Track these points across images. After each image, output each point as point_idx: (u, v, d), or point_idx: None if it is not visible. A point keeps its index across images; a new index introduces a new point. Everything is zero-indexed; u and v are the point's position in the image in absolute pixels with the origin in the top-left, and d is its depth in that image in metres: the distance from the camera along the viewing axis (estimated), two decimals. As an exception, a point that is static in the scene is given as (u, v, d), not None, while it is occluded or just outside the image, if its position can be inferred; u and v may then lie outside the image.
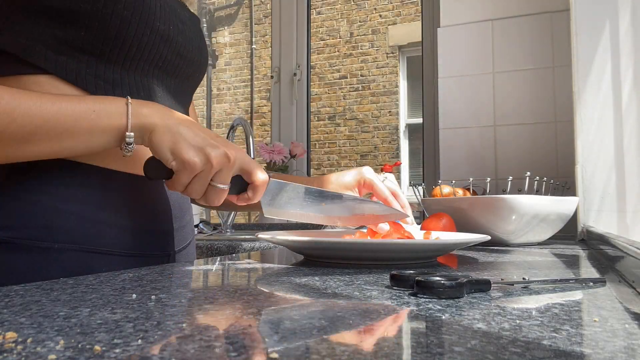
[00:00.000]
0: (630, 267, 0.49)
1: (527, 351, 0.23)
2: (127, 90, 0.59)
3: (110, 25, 0.55)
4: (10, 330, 0.26)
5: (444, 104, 1.45)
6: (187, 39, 0.66)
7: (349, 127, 5.70)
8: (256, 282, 0.45)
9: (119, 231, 0.59)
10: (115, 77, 0.58)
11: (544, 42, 1.35)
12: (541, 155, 1.34)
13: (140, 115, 0.52)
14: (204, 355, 0.22)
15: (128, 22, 0.56)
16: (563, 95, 1.32)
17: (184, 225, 0.70)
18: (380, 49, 5.64)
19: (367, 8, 5.72)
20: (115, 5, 0.55)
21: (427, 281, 0.36)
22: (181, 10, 0.67)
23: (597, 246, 0.84)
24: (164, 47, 0.61)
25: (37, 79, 0.55)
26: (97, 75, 0.57)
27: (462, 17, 1.45)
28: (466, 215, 0.95)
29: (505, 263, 0.62)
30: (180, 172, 0.53)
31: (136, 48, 0.58)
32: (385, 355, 0.22)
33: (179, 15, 0.64)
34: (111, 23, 0.55)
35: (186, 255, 0.72)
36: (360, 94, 5.68)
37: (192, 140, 0.52)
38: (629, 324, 0.29)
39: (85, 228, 0.56)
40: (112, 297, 0.35)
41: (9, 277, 0.52)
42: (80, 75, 0.56)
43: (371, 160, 5.56)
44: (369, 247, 0.57)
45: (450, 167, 1.43)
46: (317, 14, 5.88)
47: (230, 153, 0.54)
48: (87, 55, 0.56)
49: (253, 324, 0.28)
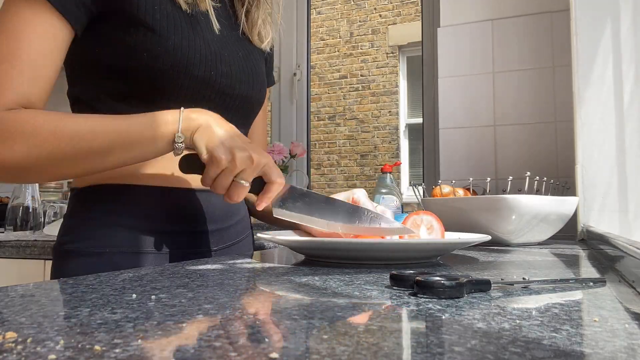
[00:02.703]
0: (630, 267, 0.49)
1: (527, 351, 0.23)
2: None
3: (151, 78, 0.67)
4: (10, 330, 0.26)
5: (444, 104, 1.45)
6: (231, 79, 0.74)
7: (349, 127, 5.70)
8: (256, 282, 0.45)
9: (156, 235, 0.70)
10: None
11: (544, 42, 1.35)
12: (541, 155, 1.34)
13: (189, 119, 0.62)
14: (204, 355, 0.22)
15: (166, 74, 0.67)
16: (563, 95, 1.32)
17: (226, 227, 0.79)
18: (380, 49, 5.64)
19: (367, 8, 5.71)
20: (154, 61, 0.66)
21: (427, 281, 0.36)
22: (230, 52, 0.75)
23: (597, 246, 0.84)
24: (204, 89, 0.71)
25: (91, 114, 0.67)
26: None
27: (462, 17, 1.45)
28: (466, 215, 0.95)
29: (505, 263, 0.62)
30: (209, 166, 0.61)
31: (176, 94, 0.69)
32: (385, 355, 0.22)
33: (224, 59, 0.73)
34: (152, 76, 0.67)
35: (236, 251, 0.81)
36: (360, 94, 5.68)
37: (225, 141, 0.61)
38: (629, 324, 0.29)
39: (128, 235, 0.69)
40: (112, 297, 0.35)
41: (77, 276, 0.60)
42: None
43: (371, 160, 5.56)
44: (369, 247, 0.57)
45: (450, 167, 1.43)
46: (317, 14, 5.87)
47: (255, 157, 0.61)
48: (137, 100, 0.68)
49: (253, 324, 0.28)
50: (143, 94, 0.68)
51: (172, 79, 0.67)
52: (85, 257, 0.68)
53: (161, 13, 0.66)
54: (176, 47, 0.67)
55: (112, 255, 0.68)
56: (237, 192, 0.62)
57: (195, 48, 0.69)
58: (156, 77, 0.67)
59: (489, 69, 1.41)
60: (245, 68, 0.77)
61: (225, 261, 0.61)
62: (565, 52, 1.18)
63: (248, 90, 0.78)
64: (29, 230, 1.67)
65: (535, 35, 1.36)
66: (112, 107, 0.68)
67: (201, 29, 0.71)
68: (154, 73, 0.66)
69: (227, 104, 0.75)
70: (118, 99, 0.68)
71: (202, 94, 0.71)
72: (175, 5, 0.69)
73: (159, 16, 0.66)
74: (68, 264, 0.69)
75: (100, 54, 0.67)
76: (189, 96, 0.70)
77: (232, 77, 0.74)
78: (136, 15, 0.65)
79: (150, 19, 0.65)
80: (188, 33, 0.68)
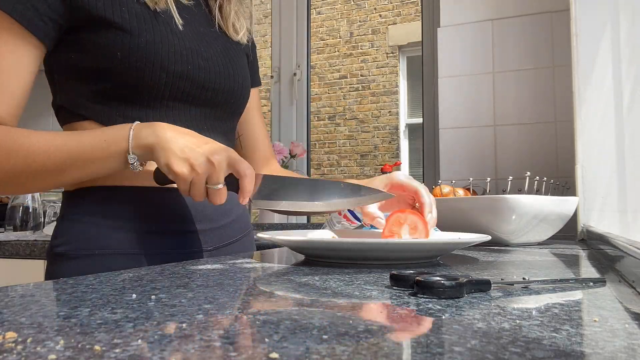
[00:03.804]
0: (630, 267, 0.49)
1: (527, 351, 0.23)
2: None
3: (128, 76, 0.67)
4: (10, 330, 0.26)
5: (444, 104, 1.45)
6: (210, 72, 0.74)
7: (349, 127, 5.70)
8: (256, 282, 0.45)
9: (146, 235, 0.70)
10: (140, 115, 0.69)
11: (544, 42, 1.35)
12: (541, 155, 1.34)
13: (140, 138, 0.62)
14: (204, 355, 0.22)
15: (142, 71, 0.67)
16: (563, 95, 1.32)
17: (220, 227, 0.79)
18: (380, 49, 5.63)
19: (367, 8, 5.71)
20: (128, 59, 0.66)
21: (427, 281, 0.36)
22: (207, 46, 0.75)
23: (597, 246, 0.84)
24: (184, 84, 0.71)
25: (81, 124, 0.70)
26: (125, 115, 0.69)
27: (462, 17, 1.45)
28: (466, 215, 0.95)
29: (505, 263, 0.62)
30: (177, 182, 0.61)
31: (155, 90, 0.69)
32: (385, 355, 0.22)
33: (201, 54, 0.73)
34: (128, 74, 0.67)
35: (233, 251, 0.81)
36: (360, 94, 5.68)
37: (180, 153, 0.60)
38: (629, 324, 0.29)
39: (117, 236, 0.69)
40: (112, 297, 0.35)
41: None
42: (110, 118, 0.69)
43: (371, 160, 5.56)
44: (369, 247, 0.57)
45: (450, 167, 1.43)
46: (317, 14, 5.87)
47: (214, 158, 0.60)
48: (115, 101, 0.69)
49: (253, 324, 0.28)
50: (123, 94, 0.68)
51: (148, 76, 0.67)
52: (75, 259, 0.68)
53: (129, 12, 0.67)
54: (149, 44, 0.67)
55: (101, 257, 0.68)
56: (217, 196, 0.62)
57: (169, 43, 0.69)
58: (132, 76, 0.67)
59: (489, 69, 1.41)
60: (224, 61, 0.77)
61: (225, 261, 0.61)
62: (565, 52, 1.18)
63: (229, 83, 0.78)
64: (29, 230, 1.67)
65: (535, 35, 1.36)
66: (93, 110, 0.69)
67: (174, 25, 0.71)
68: (129, 72, 0.67)
69: (209, 98, 0.75)
70: (99, 101, 0.69)
71: (181, 90, 0.71)
72: (143, 5, 0.69)
73: (127, 16, 0.67)
74: (59, 267, 0.69)
75: (76, 59, 0.68)
76: (169, 93, 0.70)
77: (211, 71, 0.74)
78: (104, 17, 0.65)
79: (119, 18, 0.66)
80: (159, 29, 0.69)
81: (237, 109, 0.83)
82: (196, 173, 0.60)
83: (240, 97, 0.81)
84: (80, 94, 0.69)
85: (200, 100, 0.74)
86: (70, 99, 0.70)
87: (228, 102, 0.79)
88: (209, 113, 0.77)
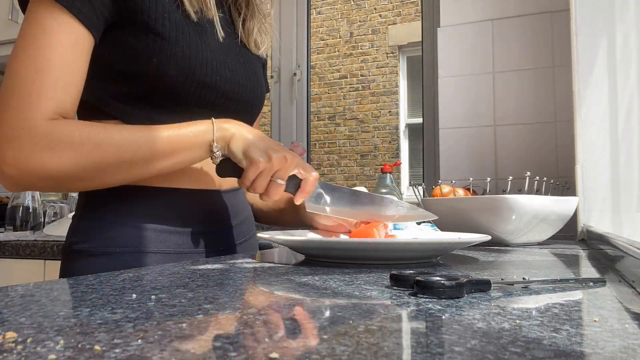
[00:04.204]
0: (630, 267, 0.49)
1: (527, 351, 0.23)
2: None
3: (160, 83, 0.69)
4: (10, 330, 0.26)
5: (444, 104, 1.45)
6: (235, 84, 0.77)
7: (349, 127, 5.70)
8: (256, 282, 0.45)
9: (166, 234, 0.72)
10: (167, 119, 0.70)
11: (544, 42, 1.35)
12: (541, 155, 1.34)
13: (222, 129, 0.67)
14: (204, 355, 0.22)
15: (175, 79, 0.69)
16: (563, 95, 1.32)
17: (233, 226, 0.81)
18: (380, 49, 5.63)
19: (367, 8, 5.71)
20: (163, 67, 0.68)
21: (427, 281, 0.36)
22: (232, 59, 0.78)
23: (597, 246, 0.84)
24: (210, 94, 0.74)
25: (107, 123, 0.69)
26: (150, 118, 0.70)
27: (462, 17, 1.45)
28: (466, 215, 0.95)
29: (505, 263, 0.62)
30: (248, 169, 0.66)
31: (184, 98, 0.71)
32: (385, 355, 0.22)
33: (228, 65, 0.76)
34: (160, 81, 0.69)
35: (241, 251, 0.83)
36: (360, 94, 5.68)
37: (259, 145, 0.67)
38: (629, 324, 0.29)
39: (138, 234, 0.70)
40: (112, 297, 0.35)
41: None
42: (137, 120, 0.70)
43: (371, 160, 5.56)
44: (369, 247, 0.57)
45: (450, 167, 1.43)
46: (317, 14, 5.87)
47: (288, 156, 0.67)
48: (143, 103, 0.70)
49: (253, 324, 0.28)
50: (151, 98, 0.70)
51: (179, 84, 0.69)
52: (96, 257, 0.69)
53: (170, 21, 0.69)
54: (184, 54, 0.69)
55: (122, 255, 0.69)
56: (275, 190, 0.68)
57: (202, 55, 0.71)
58: (164, 82, 0.69)
59: (489, 69, 1.41)
60: (247, 74, 0.81)
61: (225, 261, 0.61)
62: (565, 52, 1.18)
63: (251, 95, 0.81)
64: (29, 230, 1.67)
65: (535, 35, 1.36)
66: (121, 110, 0.70)
67: (206, 37, 0.74)
68: (162, 78, 0.69)
69: (231, 108, 0.78)
70: (126, 102, 0.70)
71: (208, 99, 0.74)
72: (183, 15, 0.71)
73: (167, 24, 0.68)
74: (78, 264, 0.70)
75: (110, 58, 0.68)
76: (195, 101, 0.72)
77: (236, 83, 0.77)
78: (147, 22, 0.67)
79: (160, 26, 0.68)
80: (195, 40, 0.71)
81: (253, 118, 0.86)
82: (271, 165, 0.65)
83: (257, 107, 0.86)
84: (109, 92, 0.70)
85: (223, 109, 0.76)
86: (96, 96, 0.71)
87: (247, 111, 0.82)
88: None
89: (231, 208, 0.81)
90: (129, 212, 0.71)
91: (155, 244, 0.71)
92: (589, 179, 1.05)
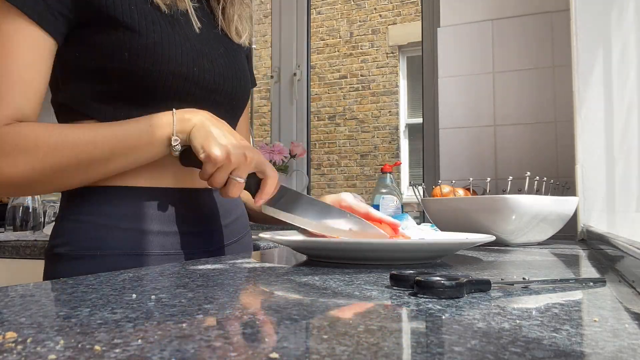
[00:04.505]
0: (630, 267, 0.49)
1: (527, 351, 0.23)
2: None
3: (133, 77, 0.67)
4: (10, 330, 0.26)
5: (444, 104, 1.45)
6: (215, 75, 0.75)
7: (349, 127, 5.70)
8: (256, 282, 0.45)
9: (149, 236, 0.70)
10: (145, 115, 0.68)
11: (544, 42, 1.35)
12: (541, 155, 1.34)
13: (183, 120, 0.65)
14: (204, 355, 0.22)
15: (148, 72, 0.67)
16: (563, 95, 1.32)
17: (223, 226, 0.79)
18: (380, 49, 5.63)
19: (367, 8, 5.71)
20: (135, 60, 0.66)
21: (427, 281, 0.36)
22: (211, 49, 0.75)
23: (597, 246, 0.84)
24: (189, 86, 0.71)
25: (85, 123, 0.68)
26: (129, 115, 0.67)
27: (462, 17, 1.45)
28: (466, 215, 0.95)
29: (505, 263, 0.62)
30: (205, 164, 0.64)
31: (161, 91, 0.69)
32: (385, 355, 0.22)
33: (206, 55, 0.74)
34: (134, 75, 0.67)
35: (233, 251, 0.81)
36: (360, 94, 5.68)
37: (220, 139, 0.64)
38: (629, 324, 0.29)
39: (121, 236, 0.68)
40: (112, 297, 0.35)
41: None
42: (115, 118, 0.67)
43: (371, 160, 5.56)
44: (370, 247, 0.57)
45: (450, 167, 1.43)
46: (317, 14, 5.87)
47: (248, 154, 0.64)
48: (121, 102, 0.68)
49: (253, 324, 0.28)
50: (128, 94, 0.68)
51: (155, 77, 0.68)
52: (77, 260, 0.67)
53: (139, 13, 0.67)
54: (156, 45, 0.67)
55: (104, 257, 0.67)
56: (233, 188, 0.65)
57: (176, 44, 0.69)
58: (139, 76, 0.67)
59: (489, 69, 1.41)
60: (228, 64, 0.78)
61: (225, 261, 0.61)
62: (565, 52, 1.18)
63: (233, 86, 0.79)
64: (29, 230, 1.67)
65: (535, 35, 1.36)
66: (98, 110, 0.69)
67: (181, 27, 0.71)
68: (136, 72, 0.67)
69: (213, 100, 0.76)
70: (103, 101, 0.68)
71: (187, 91, 0.71)
72: (152, 6, 0.69)
73: (136, 15, 0.67)
74: (59, 267, 0.68)
75: (82, 57, 0.67)
76: (174, 94, 0.70)
77: (216, 73, 0.75)
78: (114, 16, 0.65)
79: (128, 18, 0.66)
80: (167, 31, 0.69)
81: (238, 111, 0.83)
82: (229, 161, 0.63)
83: (241, 99, 0.82)
84: (84, 92, 0.69)
85: (204, 102, 0.74)
86: (73, 98, 0.69)
87: (230, 103, 0.80)
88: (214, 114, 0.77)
89: (221, 207, 0.79)
90: (110, 213, 0.69)
91: (138, 246, 0.69)
92: (589, 179, 1.05)
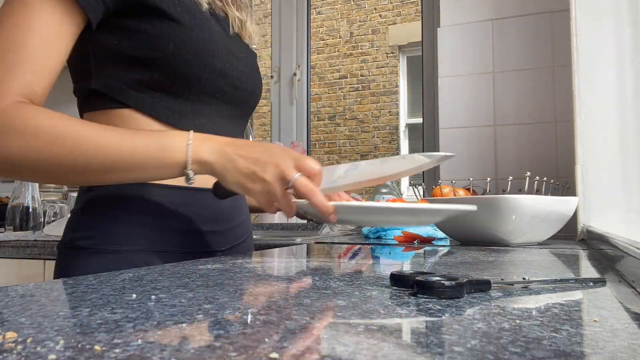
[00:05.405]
0: (630, 267, 0.49)
1: (527, 351, 0.23)
2: (190, 118, 0.72)
3: (176, 68, 0.68)
4: (10, 330, 0.26)
5: (444, 104, 1.45)
6: (241, 73, 0.77)
7: (349, 127, 5.70)
8: (256, 282, 0.45)
9: (171, 233, 0.71)
10: (181, 108, 0.71)
11: (544, 42, 1.35)
12: (541, 155, 1.34)
13: (199, 152, 0.60)
14: (204, 355, 0.22)
15: (191, 64, 0.68)
16: (563, 95, 1.32)
17: (234, 227, 0.81)
18: (380, 49, 5.63)
19: (367, 8, 5.71)
20: (179, 51, 0.67)
21: (427, 281, 0.36)
22: (237, 48, 0.79)
23: (597, 246, 0.84)
24: (221, 81, 0.73)
25: (120, 112, 0.69)
26: (167, 107, 0.70)
27: (462, 17, 1.45)
28: (466, 215, 0.95)
29: (505, 263, 0.62)
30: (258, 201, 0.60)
31: (197, 84, 0.70)
32: (385, 355, 0.22)
33: (234, 54, 0.76)
34: (176, 66, 0.68)
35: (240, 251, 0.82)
36: (360, 94, 5.68)
37: (245, 170, 0.58)
38: (629, 324, 0.29)
39: (146, 233, 0.69)
40: (112, 297, 0.35)
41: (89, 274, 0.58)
42: (154, 108, 0.69)
43: (371, 160, 5.55)
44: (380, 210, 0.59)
45: (450, 167, 1.43)
46: (317, 14, 5.87)
47: (280, 162, 0.58)
48: (159, 92, 0.69)
49: (253, 324, 0.28)
50: (167, 84, 0.69)
51: (194, 70, 0.69)
52: (100, 254, 0.67)
53: (182, 6, 0.69)
54: (199, 39, 0.69)
55: (129, 253, 0.67)
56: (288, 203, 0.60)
57: (216, 41, 0.72)
58: (180, 67, 0.68)
59: (489, 69, 1.41)
60: (248, 64, 0.81)
61: (225, 261, 0.61)
62: (565, 52, 1.18)
63: (253, 84, 0.82)
64: (29, 230, 1.67)
65: (535, 35, 1.36)
66: (136, 99, 0.68)
67: (217, 25, 0.75)
68: (178, 63, 0.68)
69: (237, 96, 0.78)
70: (139, 89, 0.68)
71: (218, 86, 0.74)
72: (192, 2, 0.71)
73: (180, 9, 0.68)
74: (80, 261, 0.68)
75: (122, 45, 0.66)
76: (208, 88, 0.72)
77: (241, 71, 0.78)
78: (160, 8, 0.66)
79: (173, 11, 0.67)
80: (209, 26, 0.72)
81: (252, 109, 0.87)
82: (269, 184, 0.58)
83: (257, 98, 0.86)
84: (121, 80, 0.68)
85: (231, 98, 0.77)
86: (109, 85, 0.68)
87: (249, 102, 0.83)
88: (234, 111, 0.80)
89: (233, 209, 0.81)
90: (134, 208, 0.69)
91: (161, 243, 0.70)
92: (589, 179, 1.05)
